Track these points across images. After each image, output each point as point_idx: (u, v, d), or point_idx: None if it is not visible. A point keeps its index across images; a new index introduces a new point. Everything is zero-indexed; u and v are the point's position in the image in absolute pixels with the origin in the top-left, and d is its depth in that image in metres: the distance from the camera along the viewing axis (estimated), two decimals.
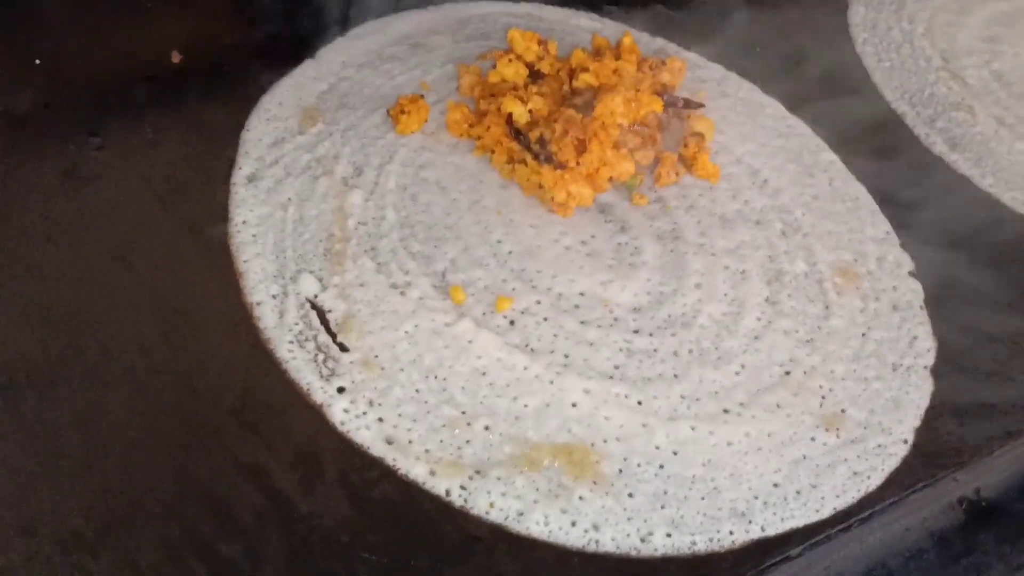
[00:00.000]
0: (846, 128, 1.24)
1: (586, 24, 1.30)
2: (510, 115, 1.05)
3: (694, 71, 1.27)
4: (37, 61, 1.06)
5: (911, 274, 1.07)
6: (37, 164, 0.96)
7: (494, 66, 1.11)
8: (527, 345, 0.91)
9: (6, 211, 0.92)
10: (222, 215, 0.96)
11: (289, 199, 0.99)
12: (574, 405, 0.88)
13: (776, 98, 1.26)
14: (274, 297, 0.91)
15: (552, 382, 0.89)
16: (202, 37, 1.13)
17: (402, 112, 1.07)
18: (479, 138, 1.08)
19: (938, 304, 1.05)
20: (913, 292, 1.05)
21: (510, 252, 0.99)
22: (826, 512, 0.85)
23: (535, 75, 1.13)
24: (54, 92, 1.03)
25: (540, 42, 1.15)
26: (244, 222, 0.96)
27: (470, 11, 1.27)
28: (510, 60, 1.11)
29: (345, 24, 1.20)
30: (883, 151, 1.22)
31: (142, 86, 1.06)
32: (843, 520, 0.85)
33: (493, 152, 1.07)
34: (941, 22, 1.47)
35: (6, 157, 0.96)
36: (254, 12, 1.17)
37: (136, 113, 1.03)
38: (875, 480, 0.88)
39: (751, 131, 1.19)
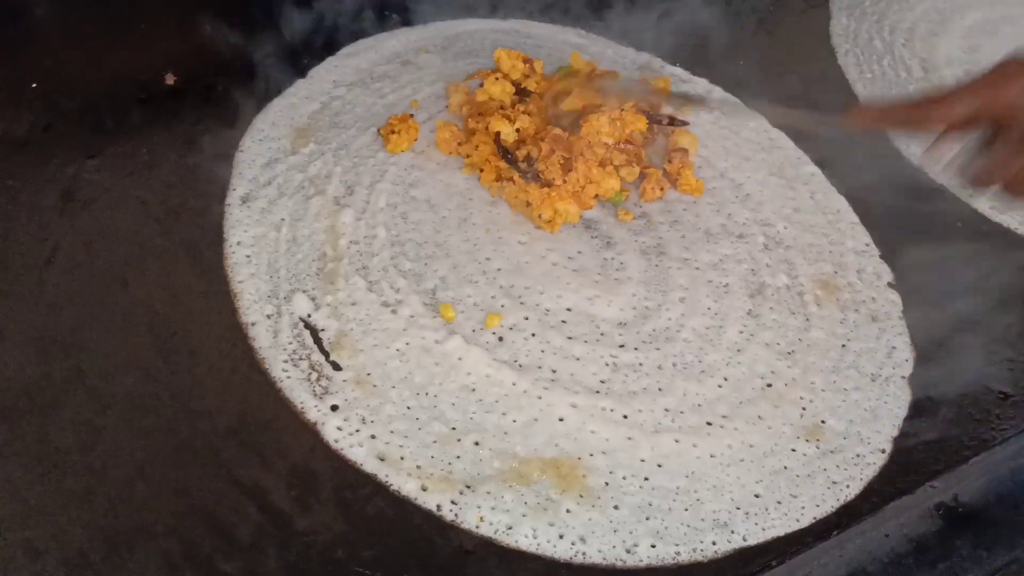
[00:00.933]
0: (826, 140, 1.26)
1: (573, 40, 1.33)
2: (498, 134, 1.08)
3: (678, 85, 1.29)
4: (34, 85, 1.08)
5: (890, 285, 1.10)
6: (37, 187, 0.99)
7: (481, 85, 1.14)
8: (515, 361, 0.94)
9: (6, 233, 0.94)
10: (217, 236, 0.99)
11: (283, 219, 1.01)
12: (561, 420, 0.91)
13: (758, 111, 1.28)
14: (268, 317, 0.93)
15: (540, 397, 0.92)
16: (194, 59, 1.15)
17: (392, 132, 1.10)
18: (468, 156, 1.11)
19: (916, 314, 1.08)
20: (892, 303, 1.08)
21: (499, 269, 1.02)
22: (806, 521, 0.88)
23: (521, 92, 1.15)
24: (52, 115, 1.06)
25: (526, 60, 1.17)
26: (239, 243, 0.98)
27: (458, 28, 1.30)
28: (497, 79, 1.13)
29: (336, 43, 1.22)
30: (864, 163, 1.25)
31: (137, 108, 1.08)
32: (822, 529, 0.88)
33: (481, 170, 1.09)
34: (922, 32, 1.50)
35: (6, 180, 0.98)
36: (245, 34, 1.19)
37: (132, 135, 1.06)
38: (853, 489, 0.91)
39: (734, 145, 1.22)
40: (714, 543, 0.85)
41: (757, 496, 0.89)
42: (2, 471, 0.79)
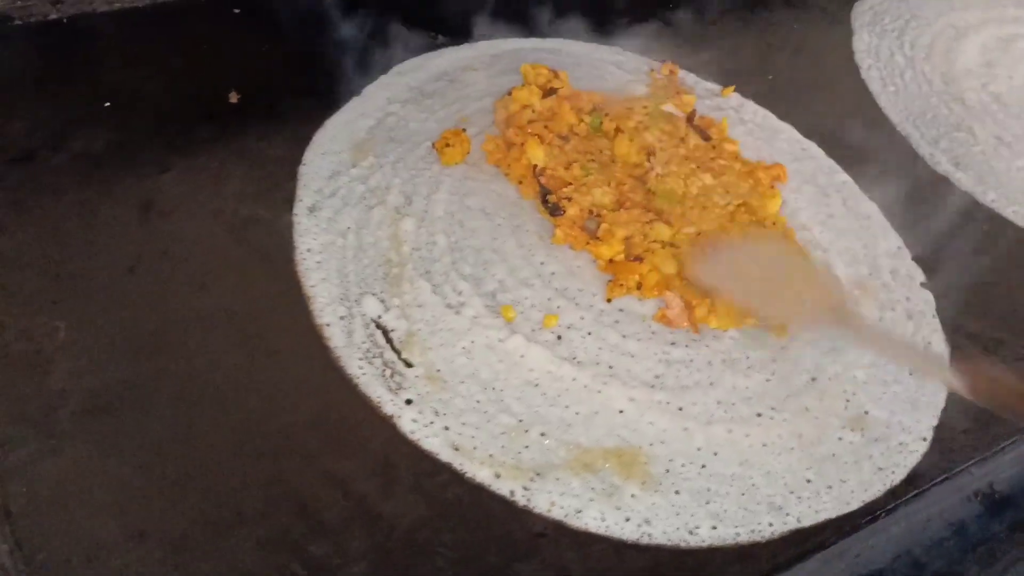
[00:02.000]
0: (856, 150, 1.32)
1: (609, 57, 1.39)
2: (535, 167, 1.14)
3: (712, 99, 1.35)
4: (107, 104, 1.13)
5: (923, 285, 1.16)
6: (116, 200, 1.04)
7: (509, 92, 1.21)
8: (574, 358, 0.99)
9: (91, 245, 0.99)
10: (288, 244, 1.04)
11: (348, 227, 1.07)
12: (621, 412, 0.96)
13: (789, 123, 1.35)
14: (341, 319, 0.98)
15: (599, 392, 0.97)
16: (256, 78, 1.21)
17: (447, 145, 1.15)
18: (507, 168, 1.17)
19: (949, 312, 1.13)
20: (925, 302, 1.14)
21: (553, 273, 1.07)
22: (855, 504, 0.93)
23: (549, 93, 1.22)
24: (125, 133, 1.11)
25: (550, 71, 1.24)
26: (309, 250, 1.04)
27: (502, 47, 1.36)
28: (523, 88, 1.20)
29: (387, 63, 1.28)
30: (892, 171, 1.30)
31: (205, 125, 1.14)
32: (870, 512, 0.93)
33: (520, 183, 1.15)
34: (940, 48, 1.56)
35: (87, 194, 1.04)
36: (301, 54, 1.25)
37: (201, 150, 1.11)
38: (899, 475, 0.96)
39: (769, 155, 1.28)
40: (771, 524, 0.90)
41: (808, 481, 0.94)
42: (106, 463, 0.84)
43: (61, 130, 1.09)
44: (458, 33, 1.35)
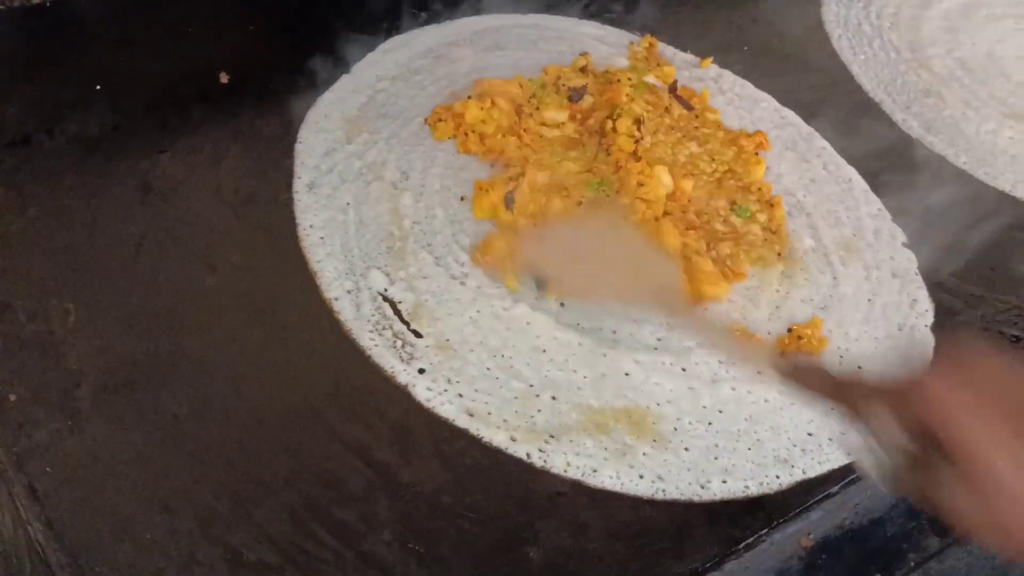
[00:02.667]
0: (832, 116, 1.36)
1: (590, 31, 1.41)
2: None
3: (692, 71, 1.38)
4: (98, 87, 1.13)
5: (904, 244, 1.20)
6: (117, 181, 1.04)
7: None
8: (578, 324, 1.02)
9: (94, 226, 1.00)
10: (290, 221, 1.05)
11: (348, 203, 1.08)
12: (627, 374, 0.98)
13: (767, 92, 1.38)
14: (349, 292, 0.99)
15: (605, 355, 0.99)
16: (244, 58, 1.21)
17: (439, 120, 1.17)
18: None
19: (930, 270, 1.17)
20: (908, 260, 1.18)
21: None
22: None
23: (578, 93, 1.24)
24: (119, 115, 1.11)
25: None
26: (311, 226, 1.05)
27: (483, 24, 1.37)
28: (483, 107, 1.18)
29: (373, 41, 1.29)
30: (867, 136, 1.34)
31: (198, 105, 1.14)
32: None
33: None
34: (905, 16, 1.60)
35: (87, 176, 1.04)
36: (289, 33, 1.26)
37: (197, 131, 1.11)
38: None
39: (750, 123, 1.31)
40: (778, 476, 0.93)
41: (810, 434, 0.97)
42: (128, 439, 0.84)
43: (55, 113, 1.09)
44: (441, 10, 1.36)
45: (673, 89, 1.30)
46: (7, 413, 0.84)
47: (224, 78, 1.18)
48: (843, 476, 0.95)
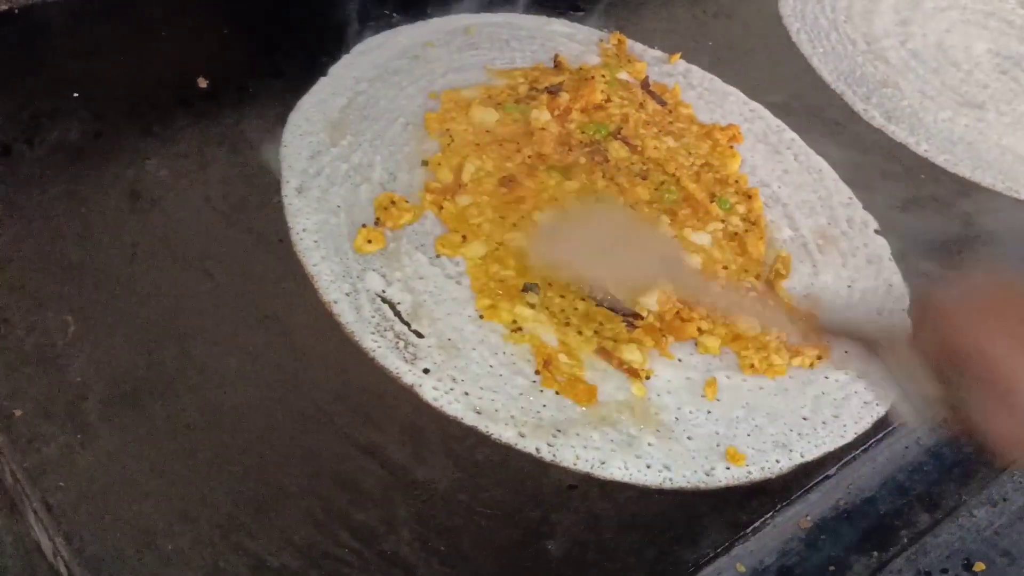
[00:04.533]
0: (798, 109, 1.40)
1: (560, 29, 1.42)
2: None
3: (660, 67, 1.41)
4: (76, 95, 1.11)
5: (876, 231, 1.24)
6: (103, 190, 1.02)
7: None
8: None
9: (86, 236, 0.98)
10: (282, 225, 1.04)
11: (338, 206, 1.08)
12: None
13: (735, 87, 1.41)
14: (347, 295, 1.00)
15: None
16: (221, 62, 1.20)
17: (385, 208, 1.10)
18: None
19: (902, 255, 1.21)
20: (881, 247, 1.22)
21: None
22: (850, 436, 1.00)
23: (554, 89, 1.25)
24: (100, 123, 1.09)
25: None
26: (304, 229, 1.04)
27: (455, 23, 1.38)
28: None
29: (348, 42, 1.28)
30: (832, 127, 1.38)
31: (179, 111, 1.13)
32: (864, 442, 1.00)
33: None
34: (859, 9, 1.65)
35: (72, 186, 1.02)
36: (263, 36, 1.25)
37: (180, 136, 1.10)
38: (882, 407, 1.03)
39: (721, 117, 1.34)
40: (778, 461, 0.96)
41: (805, 419, 1.00)
42: (140, 450, 0.84)
43: (33, 123, 1.07)
44: (412, 11, 1.37)
45: (645, 85, 1.32)
46: (15, 429, 0.83)
47: (203, 83, 1.17)
48: (839, 458, 0.98)
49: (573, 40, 1.40)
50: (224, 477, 0.84)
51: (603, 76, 1.30)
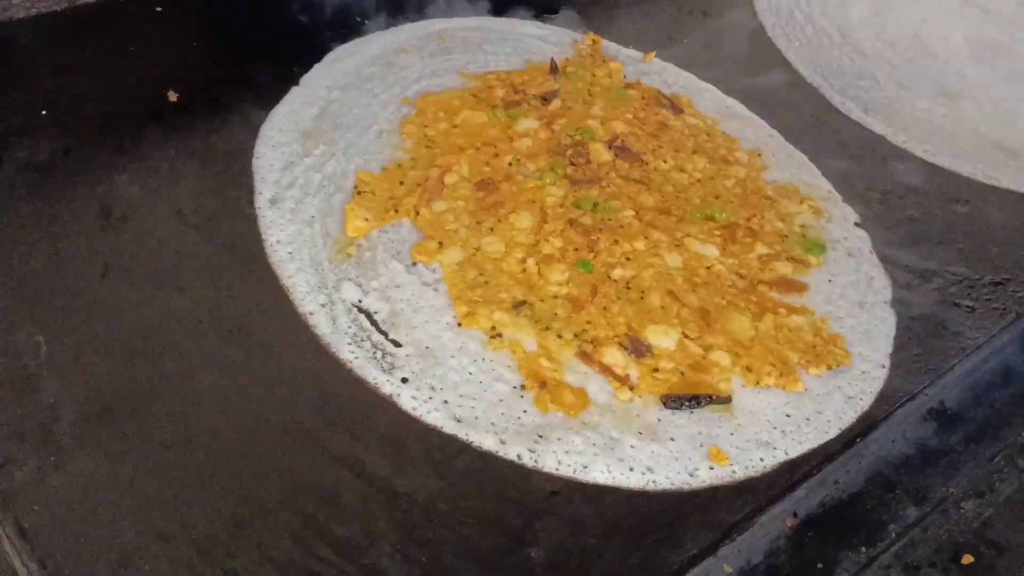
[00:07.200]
0: (775, 103, 1.39)
1: (532, 31, 1.41)
2: None
3: (635, 66, 1.40)
4: (44, 112, 1.10)
5: (857, 224, 1.23)
6: (73, 207, 1.01)
7: None
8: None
9: (57, 255, 0.97)
10: (255, 237, 1.03)
11: (313, 216, 1.07)
12: None
13: (710, 83, 1.40)
14: (323, 306, 0.99)
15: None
16: (191, 76, 1.19)
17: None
18: None
19: (884, 247, 1.21)
20: (862, 240, 1.21)
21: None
22: (833, 432, 0.99)
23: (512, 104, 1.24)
24: (69, 139, 1.08)
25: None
26: (278, 241, 1.03)
27: (428, 28, 1.37)
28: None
29: (319, 51, 1.28)
30: (809, 121, 1.38)
31: (150, 125, 1.12)
32: (848, 438, 0.99)
33: None
34: (834, 2, 1.65)
35: (42, 204, 1.01)
36: (233, 49, 1.24)
37: (151, 151, 1.09)
38: (867, 402, 1.03)
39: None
40: (762, 459, 0.95)
41: (788, 416, 0.99)
42: (115, 470, 0.82)
43: (1, 142, 1.06)
44: (385, 17, 1.36)
45: (659, 96, 1.32)
46: None
47: (173, 96, 1.16)
48: (822, 454, 0.97)
49: (547, 42, 1.39)
50: (200, 495, 0.83)
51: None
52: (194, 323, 0.95)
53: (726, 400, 0.99)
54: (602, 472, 0.91)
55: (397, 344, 0.97)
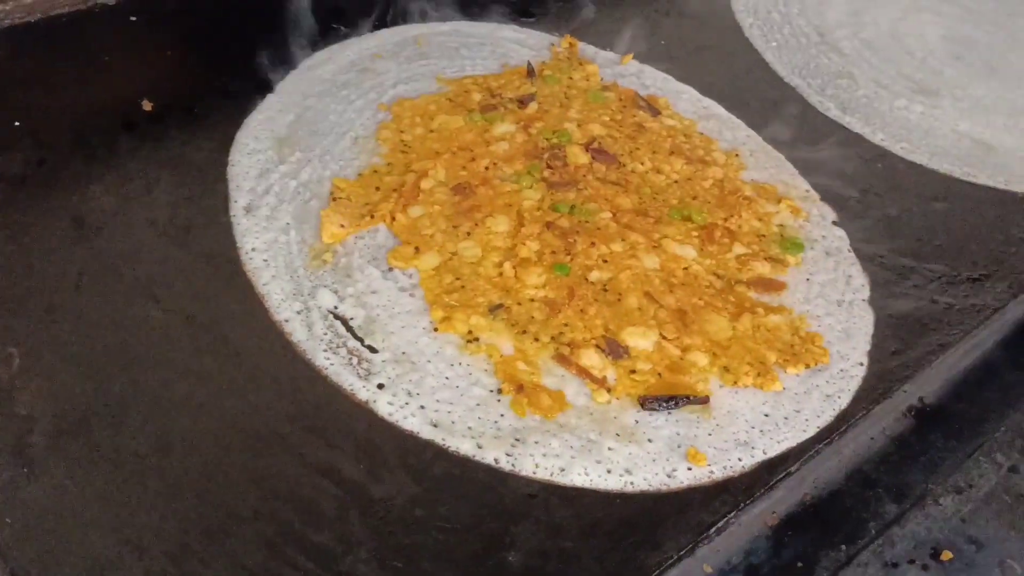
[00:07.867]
0: (753, 104, 1.39)
1: (510, 35, 1.41)
2: None
3: (613, 68, 1.40)
4: (16, 124, 1.10)
5: (835, 223, 1.23)
6: (47, 219, 1.01)
7: None
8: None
9: (30, 267, 0.97)
10: (230, 245, 1.03)
11: (288, 223, 1.07)
12: None
13: (687, 84, 1.41)
14: (299, 313, 0.98)
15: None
16: (166, 84, 1.19)
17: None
18: None
19: (862, 245, 1.21)
20: (840, 239, 1.21)
21: None
22: (811, 431, 0.99)
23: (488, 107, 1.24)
24: (42, 150, 1.08)
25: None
26: (253, 249, 1.03)
27: (404, 34, 1.37)
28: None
29: (295, 58, 1.27)
30: (788, 121, 1.38)
31: (124, 135, 1.12)
32: (826, 436, 0.99)
33: None
34: (811, 2, 1.65)
35: (15, 216, 1.01)
36: (208, 57, 1.24)
37: (125, 160, 1.09)
38: (844, 400, 1.03)
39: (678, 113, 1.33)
40: (740, 459, 0.95)
41: (766, 415, 0.99)
42: (88, 482, 0.82)
43: None
44: (360, 23, 1.36)
45: (637, 97, 1.32)
46: None
47: (147, 105, 1.16)
48: (801, 453, 0.97)
49: (524, 45, 1.39)
50: (175, 505, 0.82)
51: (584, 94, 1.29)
52: (169, 332, 0.94)
53: (704, 401, 0.99)
54: (580, 475, 0.90)
55: (373, 350, 0.97)
